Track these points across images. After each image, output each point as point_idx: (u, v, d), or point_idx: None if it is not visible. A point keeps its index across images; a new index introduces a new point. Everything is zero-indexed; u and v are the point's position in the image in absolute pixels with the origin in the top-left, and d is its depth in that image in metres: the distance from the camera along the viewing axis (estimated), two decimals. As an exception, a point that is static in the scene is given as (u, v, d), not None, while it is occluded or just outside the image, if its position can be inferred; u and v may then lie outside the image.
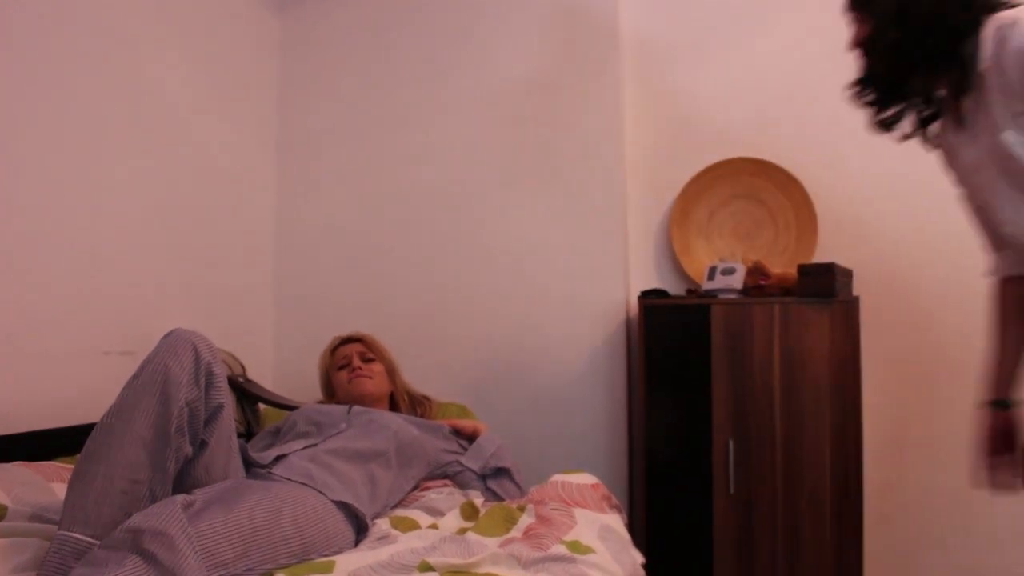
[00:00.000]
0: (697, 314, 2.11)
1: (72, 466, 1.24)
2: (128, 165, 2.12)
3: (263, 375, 2.57)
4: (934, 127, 1.50)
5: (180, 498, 1.20)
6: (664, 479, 2.15)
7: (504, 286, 2.54)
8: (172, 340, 1.32)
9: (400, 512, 1.70)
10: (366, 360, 2.15)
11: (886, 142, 1.53)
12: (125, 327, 2.07)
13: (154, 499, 1.22)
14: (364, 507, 1.55)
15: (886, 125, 1.49)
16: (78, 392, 1.90)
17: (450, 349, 2.56)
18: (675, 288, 2.48)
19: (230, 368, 2.15)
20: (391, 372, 2.19)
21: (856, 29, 1.46)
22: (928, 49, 1.35)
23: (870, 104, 1.49)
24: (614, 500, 1.89)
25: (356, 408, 1.93)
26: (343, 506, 1.50)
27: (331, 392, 2.18)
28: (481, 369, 2.53)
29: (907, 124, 1.49)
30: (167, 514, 1.12)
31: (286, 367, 2.72)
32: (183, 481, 1.32)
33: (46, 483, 1.50)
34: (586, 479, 1.89)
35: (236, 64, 2.60)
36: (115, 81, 2.08)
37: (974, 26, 1.32)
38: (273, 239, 2.77)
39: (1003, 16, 1.29)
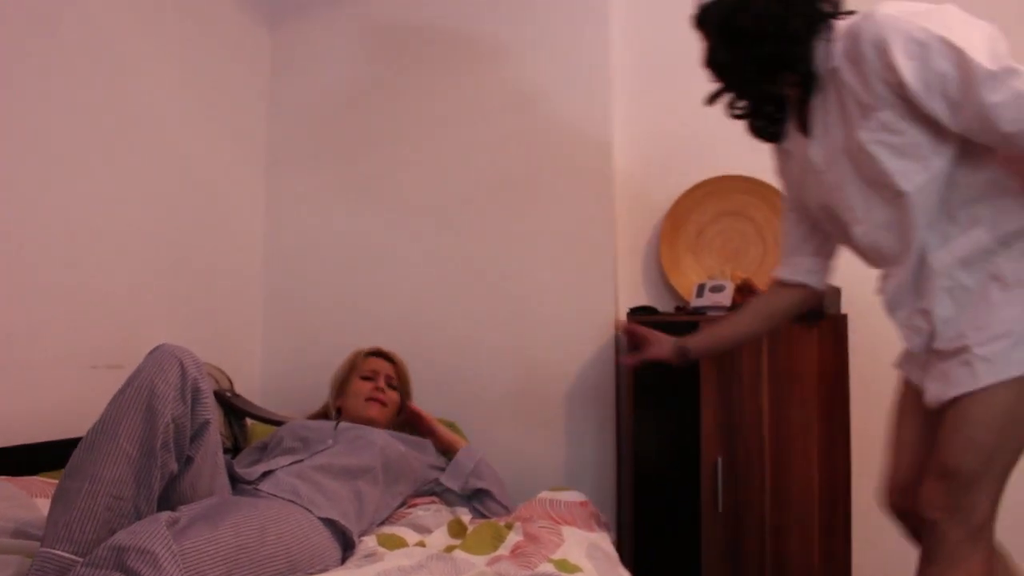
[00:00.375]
0: (686, 332, 2.11)
1: (56, 481, 1.23)
2: (117, 178, 2.11)
3: (251, 389, 2.55)
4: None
5: (165, 515, 1.19)
6: (652, 496, 2.15)
7: (493, 302, 2.54)
8: (158, 356, 1.31)
9: (387, 529, 1.69)
10: (391, 386, 2.14)
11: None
12: (113, 341, 2.06)
13: (139, 516, 1.21)
14: (351, 524, 1.55)
15: (759, 133, 1.53)
16: (64, 406, 1.88)
17: (438, 364, 2.55)
18: (664, 305, 2.49)
19: (217, 383, 2.14)
20: (401, 407, 2.18)
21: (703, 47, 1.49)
22: (762, 61, 1.38)
23: (739, 114, 1.52)
24: (602, 518, 1.89)
25: (343, 424, 1.92)
26: (330, 523, 1.49)
27: (340, 390, 2.15)
28: (469, 384, 2.52)
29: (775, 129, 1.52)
30: (151, 531, 1.11)
31: (274, 381, 2.70)
32: (168, 498, 1.31)
33: (29, 498, 1.48)
34: (574, 496, 1.89)
35: (227, 78, 2.60)
36: (106, 95, 2.07)
37: (813, 33, 1.34)
38: (262, 254, 2.76)
39: (853, 17, 1.32)
